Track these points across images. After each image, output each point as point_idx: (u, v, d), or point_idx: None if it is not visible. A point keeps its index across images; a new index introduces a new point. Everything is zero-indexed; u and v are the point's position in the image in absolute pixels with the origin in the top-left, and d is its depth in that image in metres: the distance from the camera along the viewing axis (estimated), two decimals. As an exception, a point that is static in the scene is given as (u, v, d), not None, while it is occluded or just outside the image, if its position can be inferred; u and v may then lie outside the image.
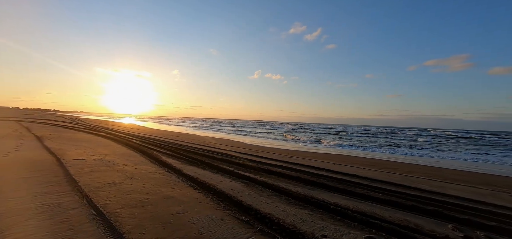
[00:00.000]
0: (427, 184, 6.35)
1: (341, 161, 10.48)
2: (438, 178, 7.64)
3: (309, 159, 10.07)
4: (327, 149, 17.16)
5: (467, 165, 12.39)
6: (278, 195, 4.19)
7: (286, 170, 6.78)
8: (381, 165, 10.02)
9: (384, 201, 4.23)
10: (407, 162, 11.85)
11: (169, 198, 3.72)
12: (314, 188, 4.95)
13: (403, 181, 6.38)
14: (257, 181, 5.10)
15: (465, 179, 7.84)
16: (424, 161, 12.86)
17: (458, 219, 3.54)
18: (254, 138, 24.33)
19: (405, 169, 9.12)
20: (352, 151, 16.64)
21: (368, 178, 6.36)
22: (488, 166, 12.26)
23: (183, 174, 5.40)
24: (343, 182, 5.62)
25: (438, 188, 5.82)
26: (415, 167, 9.98)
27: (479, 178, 8.28)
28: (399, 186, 5.63)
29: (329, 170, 7.22)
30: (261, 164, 7.43)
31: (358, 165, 9.48)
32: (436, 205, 4.20)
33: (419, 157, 14.79)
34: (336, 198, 4.24)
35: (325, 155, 13.00)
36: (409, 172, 8.51)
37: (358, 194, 4.57)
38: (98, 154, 7.63)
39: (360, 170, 8.00)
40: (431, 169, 9.74)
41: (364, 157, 13.03)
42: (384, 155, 15.04)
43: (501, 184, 7.19)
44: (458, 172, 9.60)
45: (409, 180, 6.74)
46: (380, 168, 9.09)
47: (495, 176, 9.01)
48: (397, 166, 9.88)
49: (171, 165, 6.37)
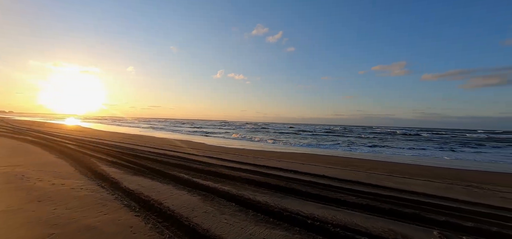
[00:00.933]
0: (391, 181, 6.34)
1: (307, 160, 10.25)
2: (397, 173, 7.86)
3: (275, 160, 9.55)
4: (292, 149, 17.10)
5: (414, 159, 13.54)
6: (244, 210, 3.39)
7: (252, 174, 6.04)
8: (344, 162, 10.09)
9: (361, 206, 3.80)
10: (365, 158, 12.34)
11: (88, 231, 2.59)
12: (285, 195, 4.30)
13: (370, 180, 6.24)
14: (218, 191, 4.22)
15: (418, 172, 8.26)
16: (379, 157, 13.64)
17: (437, 222, 3.27)
18: (216, 139, 23.12)
19: (366, 166, 9.29)
20: (315, 150, 16.90)
21: (336, 178, 6.03)
22: (430, 160, 13.59)
23: (120, 189, 4.19)
24: (314, 186, 5.12)
25: (403, 185, 5.79)
26: (374, 163, 10.33)
27: (430, 171, 8.87)
28: (368, 186, 5.39)
29: (297, 172, 6.73)
30: (223, 169, 6.54)
31: (323, 163, 9.32)
32: (410, 206, 3.94)
33: (374, 154, 15.73)
34: (310, 207, 3.65)
35: (290, 154, 12.73)
36: (371, 169, 8.65)
37: (332, 200, 4.07)
38: (5, 165, 5.76)
39: (327, 169, 7.76)
40: (387, 165, 10.18)
41: (326, 155, 13.18)
42: (343, 153, 15.57)
43: (450, 177, 7.72)
44: (410, 166, 10.23)
45: (375, 178, 6.67)
46: (344, 166, 9.08)
47: (441, 169, 9.84)
48: (358, 163, 10.06)
49: (107, 175, 5.03)
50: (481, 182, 7.07)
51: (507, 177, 8.45)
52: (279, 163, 8.66)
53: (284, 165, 7.97)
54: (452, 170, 9.65)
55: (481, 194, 5.28)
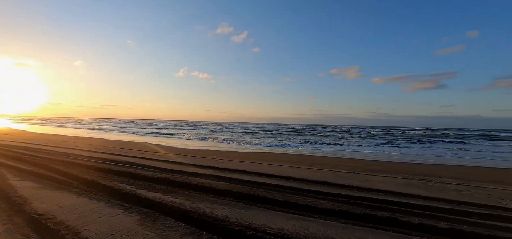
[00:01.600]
0: (356, 179, 6.25)
1: (273, 160, 9.85)
2: (359, 170, 7.95)
3: (239, 161, 8.90)
4: (257, 149, 16.68)
5: (370, 155, 14.37)
6: (196, 233, 2.64)
7: (212, 179, 5.27)
8: (309, 161, 9.98)
9: (334, 213, 3.39)
10: (328, 156, 12.56)
11: None
12: (250, 205, 3.67)
13: (337, 179, 6.04)
14: (166, 207, 3.37)
15: (377, 168, 8.52)
16: (339, 154, 14.10)
17: (413, 225, 3.03)
18: (177, 140, 21.45)
19: (330, 164, 9.29)
20: (280, 149, 16.78)
21: (304, 180, 5.66)
22: (383, 155, 14.58)
23: (23, 212, 3.03)
24: (282, 190, 4.61)
25: (368, 183, 5.70)
26: (337, 161, 10.46)
27: (386, 166, 9.28)
28: (337, 187, 5.12)
29: (263, 174, 6.19)
30: (178, 175, 5.62)
31: (289, 163, 9.02)
32: (383, 208, 3.69)
33: (335, 151, 16.30)
34: (279, 219, 3.09)
35: (255, 154, 12.22)
36: (335, 166, 8.64)
37: (303, 207, 3.59)
38: None
39: (294, 169, 7.42)
40: (349, 162, 10.41)
41: (292, 154, 13.07)
42: (307, 151, 15.76)
43: (404, 171, 8.11)
44: (368, 162, 10.66)
45: (340, 177, 6.53)
46: (310, 165, 8.91)
47: (395, 163, 10.45)
48: (322, 161, 10.06)
49: (14, 192, 3.72)
50: (431, 174, 7.54)
51: (447, 169, 9.30)
52: (243, 165, 8.03)
53: (248, 167, 7.37)
54: (404, 164, 10.31)
55: (438, 188, 5.45)
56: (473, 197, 4.72)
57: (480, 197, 4.80)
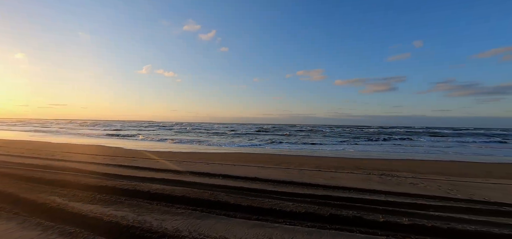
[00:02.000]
0: (321, 177, 6.23)
1: (238, 160, 9.47)
2: (323, 167, 8.05)
3: (204, 163, 8.32)
4: (224, 149, 16.14)
5: (333, 152, 14.97)
6: (133, 256, 2.12)
7: (168, 184, 4.68)
8: (276, 160, 9.86)
9: (300, 216, 3.15)
10: (294, 155, 12.68)
11: None
12: (208, 213, 3.23)
13: (303, 178, 5.93)
14: (101, 222, 2.74)
15: (340, 165, 8.77)
16: (305, 153, 14.39)
17: (378, 224, 2.94)
18: (137, 142, 19.68)
19: (296, 162, 9.28)
20: (248, 149, 16.50)
21: (270, 180, 5.41)
22: (344, 152, 15.33)
23: None
24: (245, 193, 4.26)
25: (333, 180, 5.70)
26: (303, 159, 10.55)
27: (348, 162, 9.63)
28: (303, 186, 4.97)
29: (227, 176, 5.77)
30: (129, 181, 4.88)
31: (255, 163, 8.74)
32: (348, 207, 3.59)
33: (301, 150, 16.64)
34: (240, 228, 2.72)
35: (221, 155, 11.70)
36: (301, 165, 8.64)
37: (268, 211, 3.29)
38: None
39: (259, 169, 7.15)
40: (313, 159, 10.59)
41: (259, 153, 12.87)
42: (274, 150, 15.78)
43: (366, 167, 8.47)
44: (332, 159, 10.99)
45: (306, 175, 6.45)
46: (276, 164, 8.76)
47: (356, 160, 10.95)
48: (289, 160, 10.03)
49: None
50: (388, 169, 8.00)
51: (401, 163, 10.04)
52: (207, 166, 7.49)
53: (212, 169, 6.87)
54: (364, 160, 10.87)
55: (396, 183, 5.69)
56: (426, 190, 4.99)
57: (432, 189, 5.10)
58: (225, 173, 6.18)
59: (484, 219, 3.20)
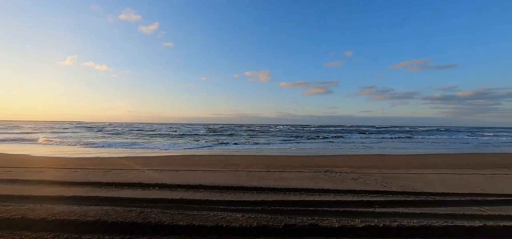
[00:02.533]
0: (271, 178, 5.97)
1: (182, 164, 8.45)
2: (273, 167, 7.90)
3: (139, 170, 7.02)
4: (165, 152, 14.52)
5: (279, 151, 15.34)
6: None
7: (80, 204, 3.52)
8: (223, 162, 9.25)
9: (252, 231, 2.67)
10: (243, 155, 12.33)
11: None
12: (129, 243, 2.40)
13: (252, 181, 5.53)
14: None
15: (287, 164, 8.82)
16: (253, 152, 14.26)
17: (334, 230, 2.72)
18: (58, 147, 15.84)
19: (245, 163, 8.89)
20: (193, 151, 15.33)
21: (217, 186, 4.79)
22: (291, 151, 15.92)
23: None
24: (186, 206, 3.53)
25: (283, 181, 5.49)
26: (251, 159, 10.26)
27: (296, 161, 9.83)
28: (253, 192, 4.54)
29: (164, 186, 4.86)
30: (18, 204, 3.46)
31: (201, 166, 7.93)
32: (301, 212, 3.32)
33: (248, 149, 16.48)
34: (174, 262, 2.04)
35: (162, 159, 10.34)
36: (250, 165, 8.28)
37: (212, 230, 2.68)
38: None
39: (206, 173, 6.41)
40: (262, 159, 10.44)
41: (205, 155, 11.98)
42: (222, 151, 15.13)
43: (311, 165, 8.74)
44: (279, 158, 11.09)
45: (256, 177, 6.09)
46: (224, 166, 8.16)
47: (302, 157, 11.33)
48: (237, 161, 9.57)
49: None
50: (331, 165, 8.45)
51: (340, 159, 10.89)
52: (142, 174, 6.30)
53: (147, 177, 5.78)
54: (308, 158, 11.34)
55: (339, 179, 5.88)
56: (367, 184, 5.27)
57: (371, 183, 5.43)
58: (163, 181, 5.23)
59: (421, 211, 3.39)
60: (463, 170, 7.57)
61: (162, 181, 5.24)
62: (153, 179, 5.56)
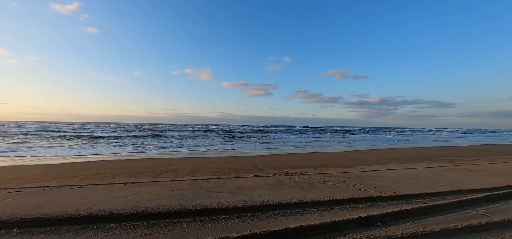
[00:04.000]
0: (224, 188, 4.47)
1: (92, 175, 5.90)
2: (222, 172, 6.39)
3: (8, 190, 4.25)
4: (74, 158, 10.89)
5: (224, 151, 13.85)
6: None
7: None
8: (157, 169, 7.12)
9: None
10: (180, 157, 10.25)
11: None
12: None
13: (199, 198, 3.91)
14: None
15: (239, 167, 7.48)
16: (194, 154, 12.32)
17: None
18: None
19: (185, 169, 7.04)
20: (116, 155, 12.12)
21: (140, 214, 2.97)
22: (235, 151, 14.65)
23: None
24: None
25: (243, 194, 4.09)
26: (193, 163, 8.42)
27: (246, 162, 8.56)
28: (203, 220, 2.95)
29: (36, 223, 2.70)
30: None
31: (122, 176, 5.66)
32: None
33: (189, 151, 14.37)
34: None
35: (63, 168, 7.27)
36: (192, 171, 6.50)
37: None
38: None
39: (126, 189, 4.33)
40: (207, 161, 8.75)
41: (130, 159, 9.32)
42: (156, 154, 12.52)
43: (265, 166, 7.63)
44: (226, 159, 9.63)
45: (204, 189, 4.47)
46: (156, 174, 6.12)
47: (252, 157, 10.17)
48: (175, 166, 7.57)
49: None
50: (285, 166, 7.56)
51: (288, 158, 10.26)
52: (18, 198, 3.72)
53: (19, 204, 3.34)
54: (257, 158, 10.27)
55: (308, 183, 4.90)
56: (341, 189, 4.43)
57: (343, 187, 4.63)
58: (40, 212, 3.00)
59: (443, 219, 2.60)
60: (407, 165, 7.91)
61: (36, 213, 2.99)
62: (25, 208, 3.19)
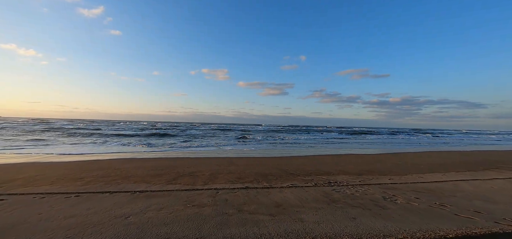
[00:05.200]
0: (260, 208, 3.32)
1: (102, 177, 5.02)
2: (247, 179, 5.27)
3: None
4: (87, 155, 10.34)
5: (250, 152, 12.74)
6: None
7: None
8: (171, 171, 6.14)
9: None
10: (199, 157, 9.29)
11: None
12: None
13: (228, 224, 2.78)
14: None
15: (265, 170, 6.32)
16: (212, 154, 11.33)
17: None
18: None
19: (205, 172, 6.00)
20: (132, 154, 11.45)
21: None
22: (254, 152, 13.51)
23: None
24: None
25: (291, 220, 2.91)
26: (213, 165, 7.39)
27: (273, 165, 7.38)
28: None
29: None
30: None
31: (131, 181, 4.71)
32: None
33: (208, 151, 13.45)
34: None
35: (71, 167, 6.52)
36: (214, 176, 5.43)
37: None
38: None
39: (132, 200, 3.32)
40: (226, 163, 7.68)
41: (143, 159, 8.47)
42: (173, 153, 11.70)
43: (296, 170, 6.40)
44: (248, 161, 8.50)
45: (232, 207, 3.35)
46: (172, 179, 5.12)
47: (277, 160, 8.97)
48: (192, 167, 6.57)
49: None
50: (322, 172, 6.30)
51: (320, 160, 8.92)
52: None
53: None
54: (286, 160, 9.05)
55: (368, 199, 3.61)
56: (431, 214, 3.10)
57: (428, 210, 3.30)
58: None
59: None
60: (474, 174, 6.33)
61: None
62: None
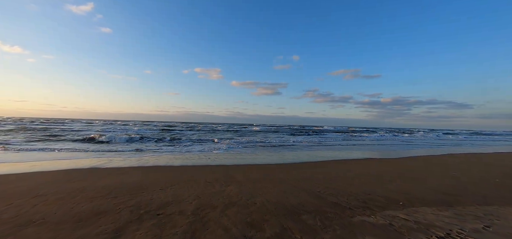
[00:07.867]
0: None
1: (62, 194, 3.66)
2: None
3: None
4: (58, 163, 8.85)
5: (241, 158, 11.46)
6: None
7: None
8: (157, 182, 4.80)
9: None
10: (195, 165, 7.96)
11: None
12: None
13: None
14: None
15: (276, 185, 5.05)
16: (235, 159, 9.98)
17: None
18: None
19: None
20: (112, 161, 9.99)
21: None
22: (256, 158, 12.24)
23: None
24: None
25: None
26: (172, 178, 6.07)
27: (282, 174, 6.12)
28: None
29: None
30: None
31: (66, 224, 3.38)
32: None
33: (229, 154, 12.08)
34: None
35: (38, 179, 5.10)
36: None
37: None
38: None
39: None
40: (255, 170, 6.38)
41: (127, 167, 7.08)
42: (166, 157, 10.29)
43: (319, 187, 5.16)
44: (247, 169, 7.21)
45: None
46: (120, 226, 3.80)
47: (286, 167, 7.71)
48: (152, 188, 5.25)
49: None
50: (354, 190, 5.09)
51: (346, 170, 7.73)
52: None
53: None
54: (296, 166, 7.81)
55: None
56: None
57: None
58: None
59: None
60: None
61: None
62: None
